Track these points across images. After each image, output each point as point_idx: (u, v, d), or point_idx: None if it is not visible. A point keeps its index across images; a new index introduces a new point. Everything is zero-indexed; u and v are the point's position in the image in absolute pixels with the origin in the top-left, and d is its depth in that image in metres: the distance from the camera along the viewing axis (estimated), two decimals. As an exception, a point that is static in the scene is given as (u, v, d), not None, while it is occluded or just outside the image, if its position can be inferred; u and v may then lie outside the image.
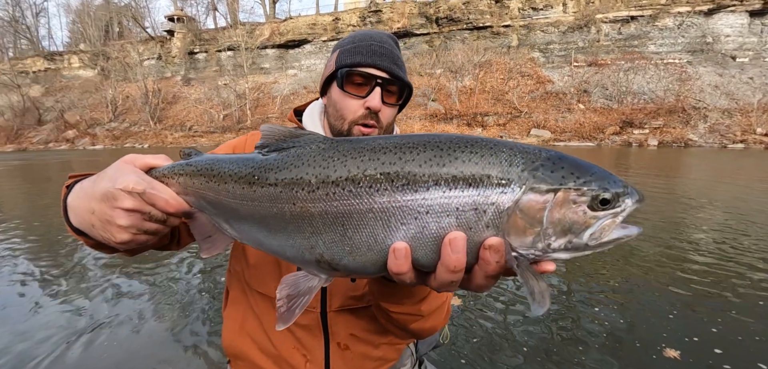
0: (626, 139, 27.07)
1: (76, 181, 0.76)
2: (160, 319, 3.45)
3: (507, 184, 0.49)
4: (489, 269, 0.51)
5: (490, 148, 0.52)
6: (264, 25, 44.09)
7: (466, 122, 31.27)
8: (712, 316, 3.36)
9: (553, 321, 3.34)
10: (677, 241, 5.51)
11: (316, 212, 0.56)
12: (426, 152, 0.52)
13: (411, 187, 0.51)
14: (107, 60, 46.92)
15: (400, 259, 0.52)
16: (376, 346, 1.02)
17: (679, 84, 29.79)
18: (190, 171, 0.68)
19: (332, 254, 0.56)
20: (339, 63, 0.99)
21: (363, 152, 0.55)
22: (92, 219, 0.66)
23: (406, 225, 0.51)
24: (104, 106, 42.69)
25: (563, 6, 35.13)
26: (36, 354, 2.93)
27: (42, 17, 58.74)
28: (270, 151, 0.63)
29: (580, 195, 0.49)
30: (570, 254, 0.51)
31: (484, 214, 0.49)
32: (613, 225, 0.50)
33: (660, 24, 32.30)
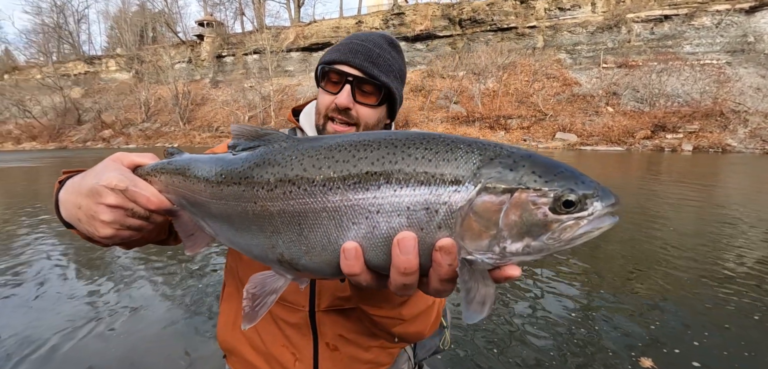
0: (658, 143, 25.89)
1: (68, 176, 0.79)
2: (165, 312, 3.55)
3: (460, 183, 0.47)
4: (442, 272, 0.49)
5: (446, 145, 0.49)
6: (289, 29, 44.98)
7: (488, 125, 30.78)
8: (753, 339, 3.16)
9: (557, 327, 3.23)
10: (710, 253, 5.22)
11: (275, 211, 0.55)
12: (379, 150, 0.51)
13: (362, 186, 0.49)
14: (141, 63, 49.12)
15: (351, 260, 0.50)
16: (366, 349, 1.01)
17: (716, 86, 28.23)
18: (170, 170, 0.70)
19: (291, 254, 0.56)
20: (320, 60, 1.01)
21: (319, 151, 0.54)
22: (78, 213, 0.68)
23: (358, 225, 0.50)
24: (138, 107, 44.72)
25: (592, 6, 34.03)
26: (38, 342, 3.06)
27: (83, 23, 62.33)
28: (240, 149, 0.63)
29: (541, 196, 0.46)
30: (531, 257, 0.48)
31: (436, 214, 0.47)
32: (577, 227, 0.47)
33: (696, 23, 30.72)
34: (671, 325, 3.28)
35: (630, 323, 3.31)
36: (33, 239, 6.00)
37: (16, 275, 4.53)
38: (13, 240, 6.01)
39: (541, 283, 4.12)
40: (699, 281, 4.18)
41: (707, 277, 4.28)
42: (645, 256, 5.00)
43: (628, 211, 7.64)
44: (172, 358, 2.86)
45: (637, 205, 8.26)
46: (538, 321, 3.37)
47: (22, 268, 4.75)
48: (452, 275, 0.49)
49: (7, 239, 6.10)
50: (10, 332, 3.21)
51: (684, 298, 3.78)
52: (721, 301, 3.69)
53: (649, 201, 8.87)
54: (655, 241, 5.60)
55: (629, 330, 3.20)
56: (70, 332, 3.21)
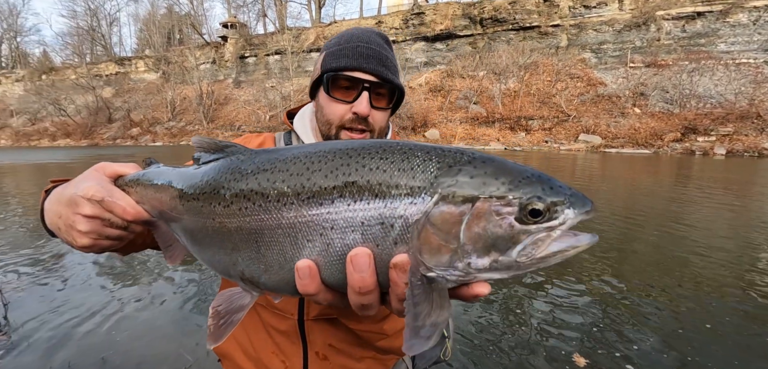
0: (688, 146, 24.78)
1: (55, 185, 0.79)
2: (164, 311, 3.54)
3: (416, 194, 0.43)
4: (399, 291, 0.45)
5: (402, 153, 0.45)
6: (310, 30, 45.53)
7: (509, 126, 30.25)
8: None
9: (567, 337, 3.12)
10: (740, 267, 4.94)
11: (233, 228, 0.52)
12: (334, 161, 0.47)
13: (316, 201, 0.46)
14: (168, 64, 50.85)
15: (305, 279, 0.48)
16: (358, 359, 0.98)
17: (753, 87, 26.77)
18: (144, 181, 0.69)
19: (251, 272, 0.53)
20: (325, 67, 0.95)
21: (274, 163, 0.51)
22: (58, 222, 0.69)
23: (312, 242, 0.47)
24: (164, 107, 46.29)
25: (619, 3, 32.91)
26: (35, 343, 3.14)
27: (114, 26, 64.72)
28: (203, 162, 0.61)
29: (505, 205, 0.42)
30: (501, 274, 0.43)
31: (391, 228, 0.44)
32: (551, 239, 0.42)
33: (732, 20, 29.22)
34: (694, 342, 3.11)
35: (648, 334, 3.16)
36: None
37: (37, 267, 4.74)
38: (42, 233, 6.30)
39: (550, 289, 3.99)
40: (725, 295, 3.96)
41: (734, 289, 4.05)
42: (670, 266, 4.78)
43: (654, 216, 7.34)
44: (170, 358, 2.85)
45: (667, 211, 7.93)
46: (549, 330, 3.27)
47: (44, 262, 4.97)
48: None
49: (34, 231, 6.40)
50: (27, 318, 3.36)
51: (708, 313, 3.58)
52: (749, 320, 3.48)
53: (679, 207, 8.50)
54: (682, 249, 5.35)
55: (647, 342, 3.06)
56: (65, 329, 3.29)
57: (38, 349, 2.94)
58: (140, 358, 2.83)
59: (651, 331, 3.18)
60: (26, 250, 5.32)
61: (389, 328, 0.83)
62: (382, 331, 0.83)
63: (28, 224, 6.88)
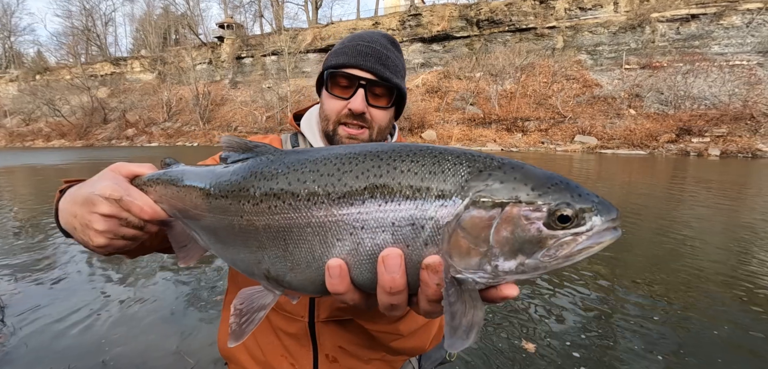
0: (683, 147, 24.98)
1: (69, 185, 0.80)
2: (162, 316, 3.50)
3: (447, 197, 0.44)
4: (429, 292, 0.46)
5: (433, 157, 0.46)
6: (306, 31, 45.49)
7: (505, 127, 30.34)
8: None
9: (568, 337, 3.15)
10: (735, 267, 5.00)
11: (261, 226, 0.53)
12: (365, 163, 0.48)
13: (347, 201, 0.47)
14: (164, 64, 50.62)
15: (335, 278, 0.48)
16: (366, 362, 0.98)
17: (747, 88, 27.04)
18: (165, 180, 0.70)
19: (277, 270, 0.54)
20: (326, 64, 0.98)
21: (305, 164, 0.52)
22: (74, 222, 0.69)
23: (342, 241, 0.48)
24: (160, 107, 46.04)
25: (614, 5, 33.13)
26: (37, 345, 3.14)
27: (110, 26, 64.44)
28: (230, 162, 0.62)
29: (534, 210, 0.43)
30: (527, 276, 0.45)
31: (422, 230, 0.44)
32: (575, 243, 0.43)
33: (726, 22, 29.50)
34: (688, 343, 3.15)
35: (643, 335, 3.20)
36: (57, 237, 6.24)
37: (37, 267, 4.72)
38: (38, 235, 6.26)
39: (553, 291, 4.03)
40: (718, 295, 4.01)
41: (727, 291, 4.10)
42: (665, 267, 4.83)
43: (650, 217, 7.40)
44: (171, 360, 2.85)
45: (662, 211, 7.99)
46: (552, 330, 3.30)
47: (40, 263, 4.94)
48: (441, 295, 0.45)
49: (33, 233, 6.37)
50: (24, 321, 3.34)
51: (701, 314, 3.63)
52: (743, 318, 3.53)
53: (674, 208, 8.57)
54: (677, 250, 5.40)
55: (643, 342, 3.10)
56: (63, 331, 3.28)
57: (36, 352, 2.93)
58: (141, 360, 2.83)
59: (643, 328, 3.22)
60: (22, 253, 5.29)
61: (405, 328, 0.84)
62: (398, 332, 0.83)
63: (23, 226, 6.83)
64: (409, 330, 0.84)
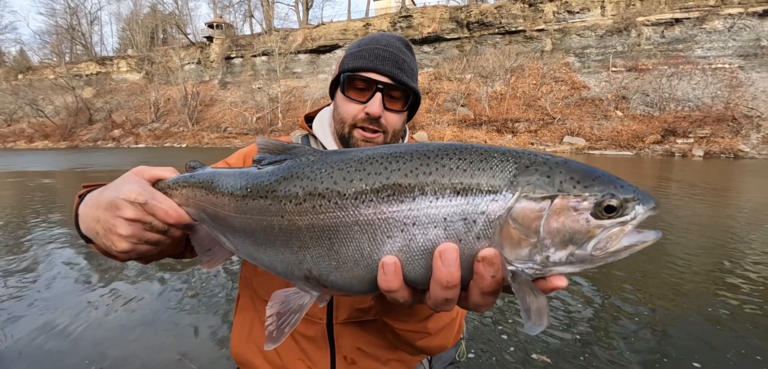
0: (668, 148, 25.56)
1: (88, 190, 0.79)
2: (178, 321, 3.47)
3: (497, 192, 0.46)
4: (484, 285, 0.47)
5: (479, 154, 0.48)
6: (297, 31, 45.26)
7: (495, 128, 30.63)
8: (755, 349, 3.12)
9: (578, 335, 3.22)
10: (720, 267, 5.15)
11: (304, 225, 0.54)
12: (412, 161, 0.50)
13: (396, 198, 0.48)
14: (152, 64, 49.80)
15: (390, 275, 0.48)
16: (384, 362, 0.98)
17: (729, 90, 27.81)
18: (192, 183, 0.69)
19: (320, 270, 0.54)
20: (342, 67, 0.98)
21: (350, 163, 0.53)
22: (96, 227, 0.68)
23: (393, 238, 0.49)
24: (147, 108, 45.30)
25: (601, 9, 33.73)
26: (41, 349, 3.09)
27: (95, 25, 62.95)
28: (266, 164, 0.62)
29: (582, 201, 0.45)
30: (574, 267, 0.46)
31: (474, 224, 0.46)
32: (622, 234, 0.45)
33: (708, 26, 30.29)
34: (672, 338, 3.24)
35: (634, 334, 3.28)
36: (49, 245, 6.11)
37: (27, 277, 4.62)
38: (27, 244, 6.12)
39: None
40: (703, 292, 4.13)
41: (711, 286, 4.22)
42: (651, 266, 4.95)
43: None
44: (172, 366, 2.83)
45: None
46: (552, 329, 3.36)
47: (30, 273, 4.84)
48: (495, 287, 0.47)
49: (20, 243, 6.23)
50: (15, 330, 3.28)
51: (687, 310, 3.73)
52: (725, 311, 3.65)
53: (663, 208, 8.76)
54: (664, 251, 5.54)
55: (634, 340, 3.18)
56: (55, 339, 3.23)
57: (29, 359, 2.87)
58: (142, 366, 2.79)
59: (631, 326, 3.30)
60: (10, 257, 5.16)
61: (433, 326, 0.84)
62: (426, 330, 0.83)
63: (7, 233, 6.67)
64: (437, 328, 0.85)
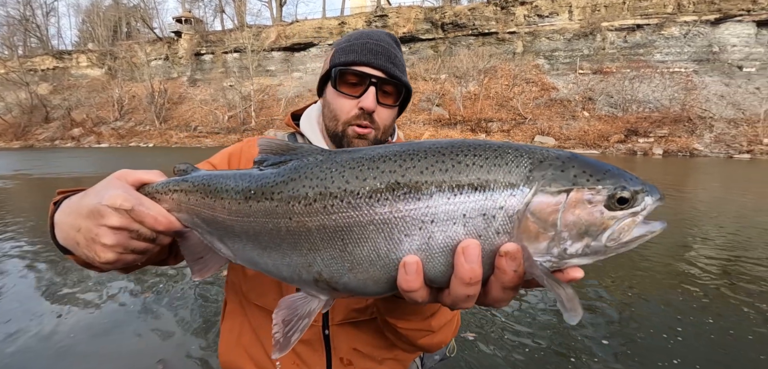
0: (631, 147, 26.92)
1: (64, 196, 0.73)
2: (157, 331, 3.30)
3: (515, 187, 0.46)
4: (506, 279, 0.47)
5: (494, 150, 0.49)
6: (270, 28, 44.37)
7: (470, 128, 31.22)
8: (720, 333, 3.32)
9: (560, 330, 3.32)
10: (682, 258, 5.46)
11: (314, 227, 0.52)
12: (427, 159, 0.49)
13: (413, 196, 0.48)
14: (115, 60, 47.39)
15: (411, 275, 0.48)
16: (380, 362, 0.97)
17: (684, 93, 29.63)
18: (185, 187, 0.65)
19: (331, 272, 0.53)
20: (333, 62, 0.96)
21: (362, 162, 0.52)
22: (77, 237, 0.62)
23: (411, 236, 0.48)
24: (110, 105, 43.07)
25: (569, 13, 35.08)
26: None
27: (52, 16, 59.36)
28: (268, 165, 0.60)
29: (596, 194, 0.46)
30: (589, 259, 0.47)
31: (493, 219, 0.46)
32: (634, 224, 0.47)
33: (666, 33, 32.17)
34: (637, 325, 3.41)
35: (604, 328, 3.43)
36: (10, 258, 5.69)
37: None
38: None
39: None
40: (664, 282, 4.37)
41: (669, 277, 4.48)
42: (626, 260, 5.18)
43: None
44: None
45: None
46: (537, 325, 3.45)
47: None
48: (517, 282, 0.47)
49: None
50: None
51: (651, 299, 3.94)
52: (687, 301, 3.87)
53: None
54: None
55: (604, 332, 3.32)
56: (48, 343, 3.04)
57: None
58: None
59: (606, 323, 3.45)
60: (-43, 264, 4.77)
61: (436, 323, 0.83)
62: (430, 328, 0.83)
63: None
64: (440, 325, 0.84)
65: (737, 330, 3.22)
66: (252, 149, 1.07)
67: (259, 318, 0.96)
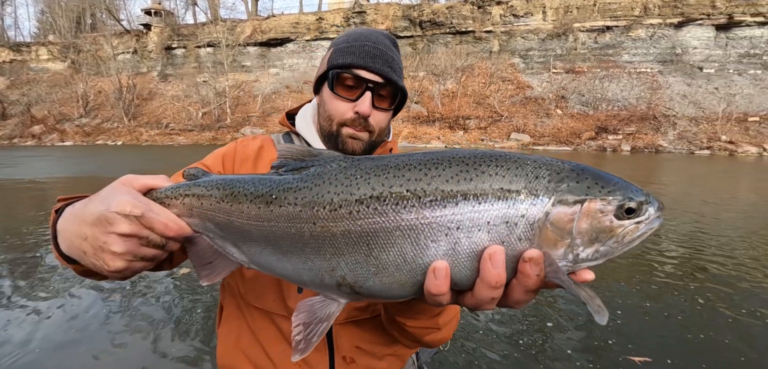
0: (601, 144, 28.01)
1: (66, 204, 0.70)
2: (149, 337, 3.19)
3: (535, 197, 0.49)
4: (529, 283, 0.50)
5: (515, 162, 0.52)
6: (245, 23, 43.28)
7: (448, 125, 31.61)
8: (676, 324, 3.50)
9: (543, 323, 3.42)
10: (647, 249, 5.73)
11: (339, 232, 0.54)
12: (452, 168, 0.52)
13: (439, 203, 0.50)
14: (78, 53, 44.97)
15: (441, 280, 0.50)
16: (380, 358, 0.99)
17: (650, 92, 31.07)
18: (198, 191, 0.65)
19: (356, 276, 0.55)
20: (331, 63, 0.95)
21: (387, 169, 0.54)
22: (84, 245, 0.61)
23: (437, 242, 0.50)
24: (74, 101, 40.84)
25: (543, 14, 36.03)
26: None
27: (8, 5, 55.52)
28: (286, 170, 0.61)
29: (607, 205, 0.50)
30: (597, 261, 0.52)
31: (515, 227, 0.49)
32: (637, 230, 0.51)
33: (633, 34, 33.61)
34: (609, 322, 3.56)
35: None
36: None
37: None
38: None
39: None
40: (634, 274, 4.59)
41: (638, 269, 4.70)
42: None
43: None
44: None
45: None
46: (519, 323, 3.53)
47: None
48: (538, 285, 0.50)
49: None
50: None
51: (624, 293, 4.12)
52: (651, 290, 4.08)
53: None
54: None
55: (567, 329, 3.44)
56: (23, 351, 2.87)
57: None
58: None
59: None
60: None
61: (442, 320, 0.85)
62: (437, 325, 0.84)
63: None
64: (445, 322, 0.86)
65: (688, 317, 3.42)
66: (246, 149, 1.06)
67: (258, 320, 0.95)
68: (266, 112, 36.31)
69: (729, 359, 2.81)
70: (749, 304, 3.66)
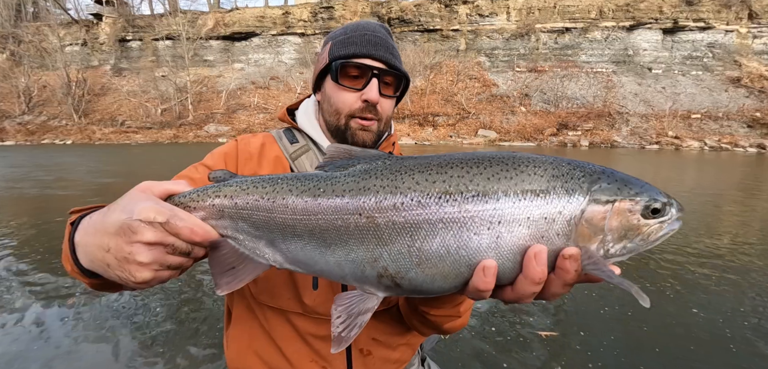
0: (562, 140, 29.42)
1: (82, 215, 0.67)
2: (152, 342, 3.00)
3: (572, 195, 0.53)
4: (568, 278, 0.53)
5: (551, 163, 0.56)
6: (207, 15, 41.55)
7: (418, 122, 31.98)
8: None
9: (541, 312, 3.54)
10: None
11: (383, 223, 0.56)
12: (492, 167, 0.56)
13: (481, 198, 0.54)
14: (19, 44, 41.30)
15: (489, 277, 0.53)
16: (394, 348, 1.00)
17: (605, 91, 33.01)
18: (230, 192, 0.64)
19: (398, 267, 0.57)
20: (332, 55, 0.94)
21: (430, 166, 0.58)
22: (107, 257, 0.58)
23: (479, 235, 0.53)
24: (15, 97, 37.47)
25: (507, 14, 37.25)
26: None
27: (-68, -10, 49.90)
28: (333, 169, 0.63)
29: (635, 205, 0.54)
30: (624, 257, 0.56)
31: (553, 223, 0.53)
32: (660, 229, 0.56)
33: (590, 36, 35.56)
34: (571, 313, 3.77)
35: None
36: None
37: None
38: None
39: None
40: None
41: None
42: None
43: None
44: None
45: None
46: (514, 315, 3.63)
47: None
48: (576, 279, 0.54)
49: None
50: None
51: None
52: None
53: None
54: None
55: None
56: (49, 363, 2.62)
57: None
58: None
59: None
60: None
61: (463, 308, 0.86)
62: (458, 313, 0.86)
63: None
64: (465, 309, 0.88)
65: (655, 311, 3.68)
66: (248, 147, 1.03)
67: (272, 320, 0.93)
68: (231, 109, 35.09)
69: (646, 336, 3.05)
70: (675, 285, 3.98)
